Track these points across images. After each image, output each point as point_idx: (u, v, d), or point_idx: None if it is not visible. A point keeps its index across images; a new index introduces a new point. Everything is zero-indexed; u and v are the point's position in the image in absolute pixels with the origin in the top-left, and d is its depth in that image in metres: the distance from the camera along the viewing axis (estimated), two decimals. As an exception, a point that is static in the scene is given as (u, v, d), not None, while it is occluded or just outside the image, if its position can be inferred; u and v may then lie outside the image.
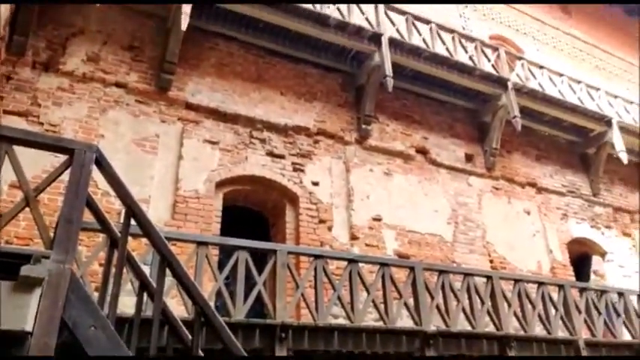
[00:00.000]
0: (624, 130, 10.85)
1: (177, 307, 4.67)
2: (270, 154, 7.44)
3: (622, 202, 11.36)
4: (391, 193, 8.16)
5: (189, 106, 7.12)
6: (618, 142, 10.61)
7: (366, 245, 7.44)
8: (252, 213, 7.74)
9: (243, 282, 4.91)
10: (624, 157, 10.52)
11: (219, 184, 6.93)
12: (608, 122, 10.75)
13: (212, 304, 3.89)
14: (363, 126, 8.40)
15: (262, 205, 7.75)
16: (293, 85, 8.17)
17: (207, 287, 5.08)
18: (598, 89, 11.47)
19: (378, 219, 7.79)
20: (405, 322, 5.91)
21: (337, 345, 5.04)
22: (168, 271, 3.11)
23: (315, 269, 5.38)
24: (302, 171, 7.56)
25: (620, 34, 15.87)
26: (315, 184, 7.57)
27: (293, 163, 7.54)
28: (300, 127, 7.85)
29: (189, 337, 3.08)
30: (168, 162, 6.65)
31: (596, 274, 8.14)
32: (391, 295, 5.67)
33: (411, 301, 5.82)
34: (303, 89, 8.24)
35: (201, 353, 3.06)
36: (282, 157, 7.50)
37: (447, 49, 9.19)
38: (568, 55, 13.77)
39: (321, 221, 7.32)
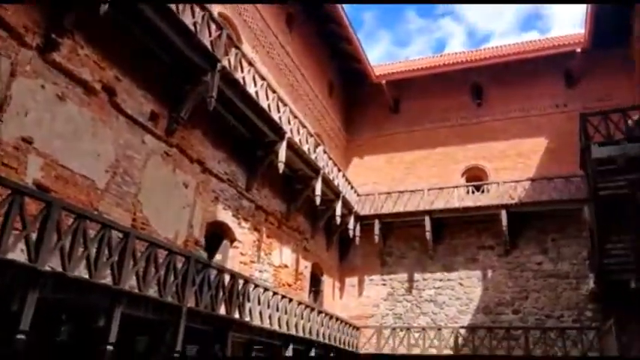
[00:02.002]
0: (290, 146, 13.28)
1: None
2: None
3: (264, 202, 13.84)
4: (56, 119, 7.67)
5: None
6: (282, 153, 12.93)
7: (3, 164, 6.79)
8: None
9: None
10: (281, 167, 12.91)
11: None
12: (282, 135, 12.95)
13: None
14: (53, 36, 7.63)
15: None
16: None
17: None
18: (286, 105, 13.71)
19: (28, 141, 7.19)
20: (18, 256, 5.70)
21: None
22: None
23: None
24: (-51, 51, 6.32)
25: (318, 69, 19.35)
26: (-37, 73, 6.45)
27: (-61, 37, 6.22)
28: (-33, -1, 6.55)
29: None
30: None
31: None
32: (12, 225, 5.41)
33: (34, 236, 5.68)
34: (-8, -43, 6.92)
35: None
36: None
37: (177, 4, 9.33)
38: (276, 65, 15.90)
39: (-48, 119, 6.28)
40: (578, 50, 18.19)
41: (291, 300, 11.89)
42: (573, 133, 15.02)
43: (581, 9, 17.89)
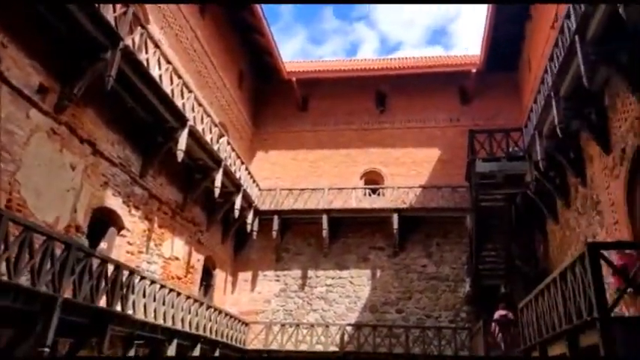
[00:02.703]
0: (192, 134, 12.94)
1: None
2: None
3: (159, 191, 13.36)
4: None
5: None
6: (182, 141, 12.55)
7: None
8: None
9: None
10: (181, 155, 12.53)
11: None
12: (184, 122, 12.57)
13: None
14: None
15: None
16: None
17: None
18: (191, 91, 13.33)
19: None
20: None
21: None
22: None
23: None
24: None
25: (228, 58, 19.05)
26: None
27: None
28: None
29: None
30: None
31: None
32: None
33: None
34: None
35: None
36: None
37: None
38: (184, 49, 15.40)
39: None
40: (474, 71, 19.73)
41: (179, 294, 11.64)
42: (463, 146, 16.31)
43: (481, 32, 19.35)
